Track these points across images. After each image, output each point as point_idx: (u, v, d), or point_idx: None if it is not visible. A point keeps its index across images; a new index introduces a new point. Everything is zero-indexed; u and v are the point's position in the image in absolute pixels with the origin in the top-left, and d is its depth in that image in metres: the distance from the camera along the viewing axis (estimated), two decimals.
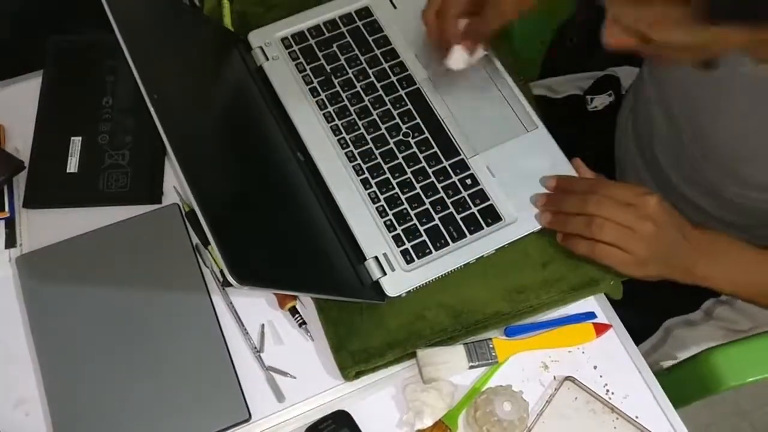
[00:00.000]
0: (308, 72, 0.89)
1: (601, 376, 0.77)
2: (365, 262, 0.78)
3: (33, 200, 0.85)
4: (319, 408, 0.76)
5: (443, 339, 0.77)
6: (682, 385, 0.89)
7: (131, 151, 0.87)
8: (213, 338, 0.78)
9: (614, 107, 1.07)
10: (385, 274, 0.78)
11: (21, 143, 0.89)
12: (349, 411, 0.75)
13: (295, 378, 0.77)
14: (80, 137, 0.88)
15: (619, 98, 1.07)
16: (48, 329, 0.78)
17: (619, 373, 0.78)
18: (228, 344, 0.77)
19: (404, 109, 0.86)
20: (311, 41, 0.91)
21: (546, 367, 0.78)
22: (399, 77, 0.88)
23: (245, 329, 0.79)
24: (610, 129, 1.05)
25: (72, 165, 0.86)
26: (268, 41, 0.91)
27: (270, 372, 0.77)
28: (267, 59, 0.90)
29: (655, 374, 0.78)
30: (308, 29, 0.91)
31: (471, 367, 0.76)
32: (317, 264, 0.76)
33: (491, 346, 0.77)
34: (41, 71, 0.91)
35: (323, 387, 0.77)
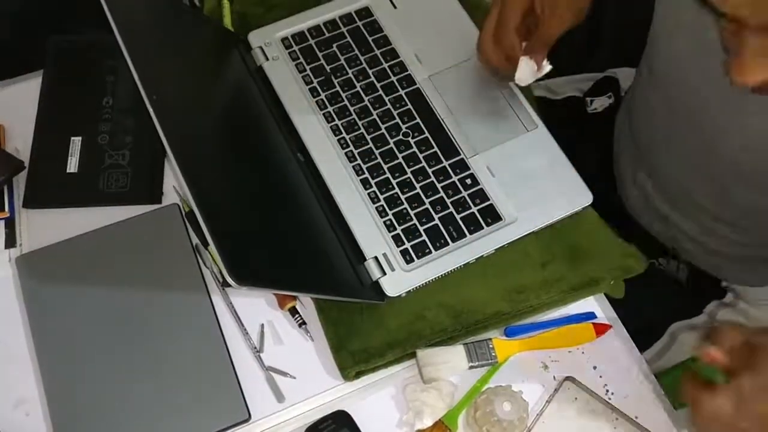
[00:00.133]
0: (308, 72, 0.89)
1: (601, 377, 0.77)
2: (365, 262, 0.78)
3: (33, 200, 0.85)
4: (319, 408, 0.76)
5: (443, 339, 0.77)
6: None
7: (131, 151, 0.87)
8: (213, 338, 0.78)
9: (614, 109, 1.06)
10: (385, 274, 0.78)
11: (21, 143, 0.89)
12: (349, 411, 0.75)
13: (295, 378, 0.77)
14: (80, 137, 0.88)
15: (618, 100, 1.07)
16: (48, 329, 0.78)
17: (619, 374, 0.78)
18: (228, 344, 0.78)
19: (404, 109, 0.86)
20: (311, 41, 0.91)
21: (546, 367, 0.78)
22: (399, 77, 0.88)
23: (245, 329, 0.79)
24: (609, 131, 1.05)
25: (72, 165, 0.86)
26: (268, 41, 0.91)
27: (270, 372, 0.77)
28: (267, 59, 0.90)
29: (655, 374, 0.78)
30: (308, 29, 0.91)
31: (471, 367, 0.76)
32: (317, 264, 0.76)
33: (491, 346, 0.77)
34: (41, 71, 0.91)
35: (323, 387, 0.77)
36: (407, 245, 0.79)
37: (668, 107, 0.87)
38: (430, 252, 0.79)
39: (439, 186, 0.82)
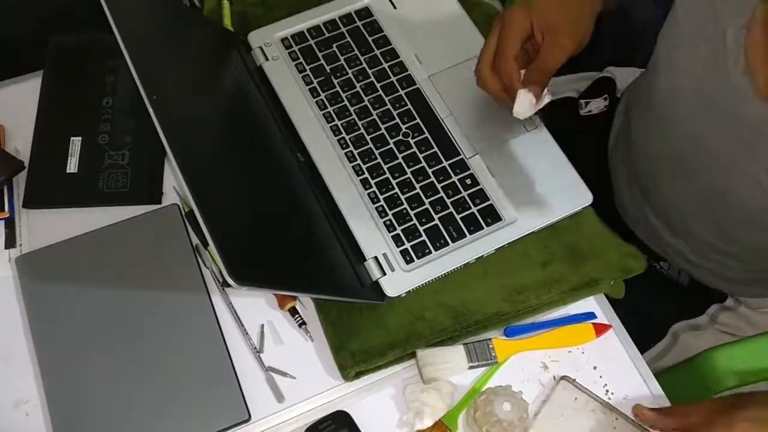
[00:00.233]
0: (308, 72, 0.89)
1: (601, 377, 0.77)
2: (365, 263, 0.78)
3: (33, 200, 0.85)
4: (319, 408, 0.76)
5: (443, 339, 0.77)
6: (683, 386, 0.89)
7: (131, 151, 0.87)
8: (213, 338, 0.78)
9: (609, 111, 1.05)
10: (385, 275, 0.78)
11: (21, 143, 0.89)
12: (349, 411, 0.75)
13: (295, 378, 0.77)
14: (80, 137, 0.88)
15: (614, 102, 1.05)
16: (48, 329, 0.78)
17: (619, 374, 0.78)
18: (228, 344, 0.78)
19: (404, 109, 0.86)
20: (311, 41, 0.91)
21: (546, 368, 0.78)
22: (399, 77, 0.88)
23: (245, 329, 0.79)
24: (604, 133, 1.04)
25: (72, 165, 0.86)
26: (268, 41, 0.91)
27: (270, 372, 0.77)
28: (267, 59, 0.90)
29: (655, 374, 0.78)
30: (308, 29, 0.91)
31: (471, 367, 0.76)
32: (317, 264, 0.76)
33: (491, 346, 0.77)
34: (41, 71, 0.91)
35: (323, 387, 0.77)
36: (407, 245, 0.79)
37: (674, 155, 0.85)
38: (430, 252, 0.79)
39: (439, 186, 0.82)
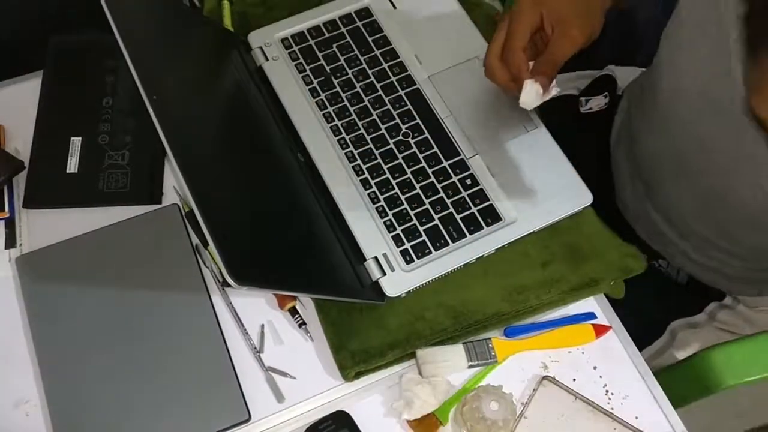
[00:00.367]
0: (308, 72, 0.89)
1: (601, 377, 0.77)
2: (365, 263, 0.78)
3: (33, 200, 0.85)
4: (319, 408, 0.76)
5: (443, 339, 0.77)
6: (682, 385, 0.89)
7: (131, 152, 0.87)
8: (213, 338, 0.78)
9: (609, 109, 1.05)
10: (385, 275, 0.78)
11: (21, 143, 0.89)
12: (349, 411, 0.75)
13: (295, 378, 0.77)
14: (80, 137, 0.88)
15: (614, 100, 1.05)
16: (48, 329, 0.78)
17: (619, 374, 0.78)
18: (228, 344, 0.77)
19: (404, 110, 0.86)
20: (311, 41, 0.91)
21: (546, 368, 0.78)
22: (399, 77, 0.88)
23: (245, 329, 0.79)
24: (605, 131, 1.04)
25: (72, 165, 0.86)
26: (268, 41, 0.91)
27: (270, 372, 0.77)
28: (267, 59, 0.90)
29: (654, 373, 0.78)
30: (308, 29, 0.91)
31: (470, 366, 0.76)
32: (317, 264, 0.76)
33: (491, 346, 0.77)
34: (41, 71, 0.91)
35: (323, 387, 0.77)
36: (407, 245, 0.79)
37: (676, 155, 0.85)
38: (430, 252, 0.79)
39: (439, 186, 0.82)
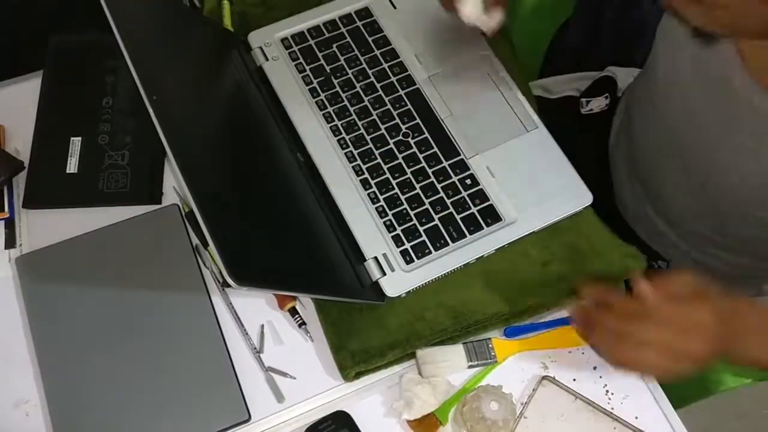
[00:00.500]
0: (308, 72, 0.89)
1: (601, 377, 0.77)
2: (365, 263, 0.78)
3: (33, 200, 0.85)
4: (319, 408, 0.76)
5: (443, 339, 0.77)
6: (682, 385, 0.88)
7: (131, 152, 0.87)
8: (213, 338, 0.78)
9: (610, 110, 1.05)
10: (385, 275, 0.78)
11: (21, 143, 0.89)
12: (349, 411, 0.75)
13: (295, 378, 0.77)
14: (80, 137, 0.88)
15: (615, 101, 1.05)
16: (48, 329, 0.78)
17: (619, 374, 0.77)
18: (228, 345, 0.78)
19: (404, 110, 0.86)
20: (311, 42, 0.91)
21: (546, 368, 0.78)
22: (399, 77, 0.88)
23: (245, 330, 0.79)
24: (605, 132, 1.04)
25: (72, 165, 0.86)
26: (268, 42, 0.91)
27: (270, 372, 0.77)
28: (267, 60, 0.90)
29: None
30: (308, 30, 0.91)
31: (470, 366, 0.76)
32: (317, 264, 0.76)
33: (491, 346, 0.77)
34: (41, 71, 0.91)
35: (323, 387, 0.77)
36: (407, 245, 0.79)
37: (671, 143, 0.85)
38: (430, 252, 0.79)
39: (439, 186, 0.82)
